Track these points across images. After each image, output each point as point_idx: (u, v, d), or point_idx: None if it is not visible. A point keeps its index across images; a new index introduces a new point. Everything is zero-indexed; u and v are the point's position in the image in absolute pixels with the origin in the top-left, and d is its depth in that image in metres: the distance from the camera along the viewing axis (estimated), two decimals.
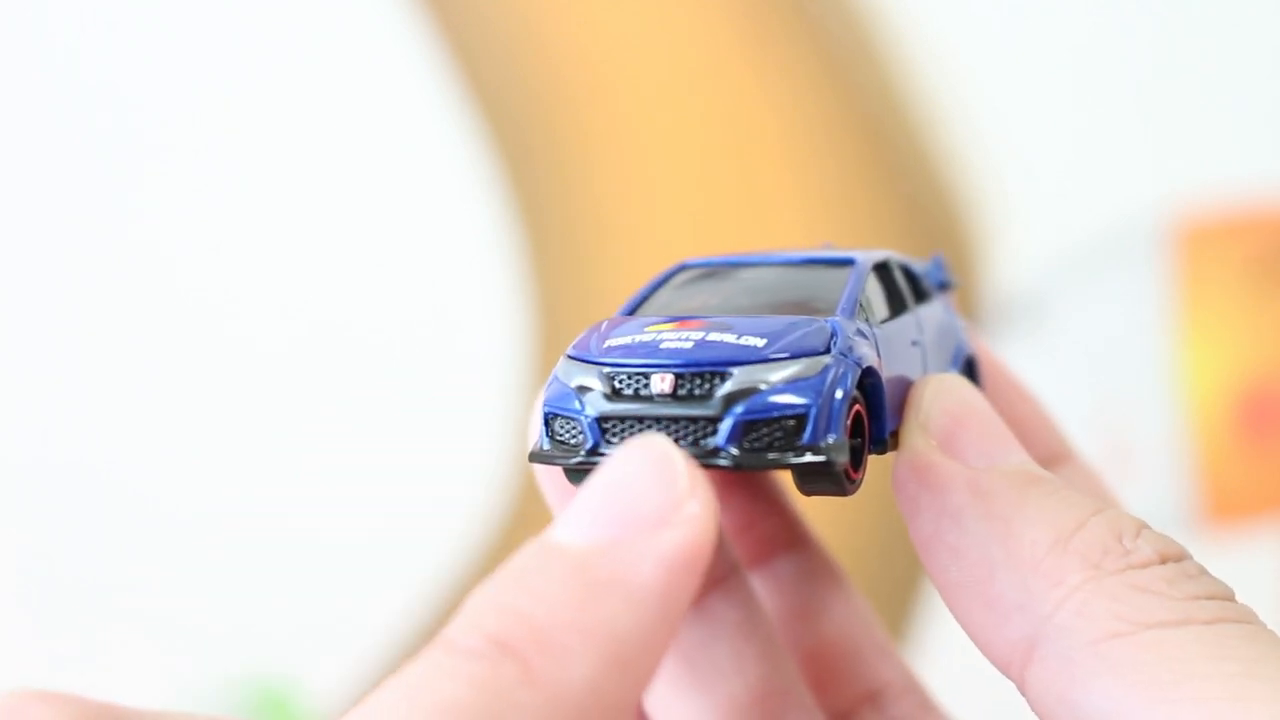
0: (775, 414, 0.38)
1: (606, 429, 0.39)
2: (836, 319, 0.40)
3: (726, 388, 0.38)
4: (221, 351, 0.99)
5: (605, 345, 0.40)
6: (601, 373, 0.39)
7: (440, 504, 0.99)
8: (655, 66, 1.00)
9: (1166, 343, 0.96)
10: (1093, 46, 0.99)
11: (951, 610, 0.37)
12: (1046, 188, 0.99)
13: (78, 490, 0.99)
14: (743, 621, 0.44)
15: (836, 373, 0.38)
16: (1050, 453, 0.46)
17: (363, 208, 1.00)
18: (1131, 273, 0.97)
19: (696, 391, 0.38)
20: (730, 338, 0.39)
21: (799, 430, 0.38)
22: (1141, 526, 0.36)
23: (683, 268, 0.45)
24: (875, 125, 0.99)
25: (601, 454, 0.38)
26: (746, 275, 0.44)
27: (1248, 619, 0.34)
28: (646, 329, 0.40)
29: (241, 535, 0.99)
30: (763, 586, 0.47)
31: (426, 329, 1.00)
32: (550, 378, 0.41)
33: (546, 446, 0.40)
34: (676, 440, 0.38)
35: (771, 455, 0.38)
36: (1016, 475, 0.38)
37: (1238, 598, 0.35)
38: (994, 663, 0.36)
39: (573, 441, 0.39)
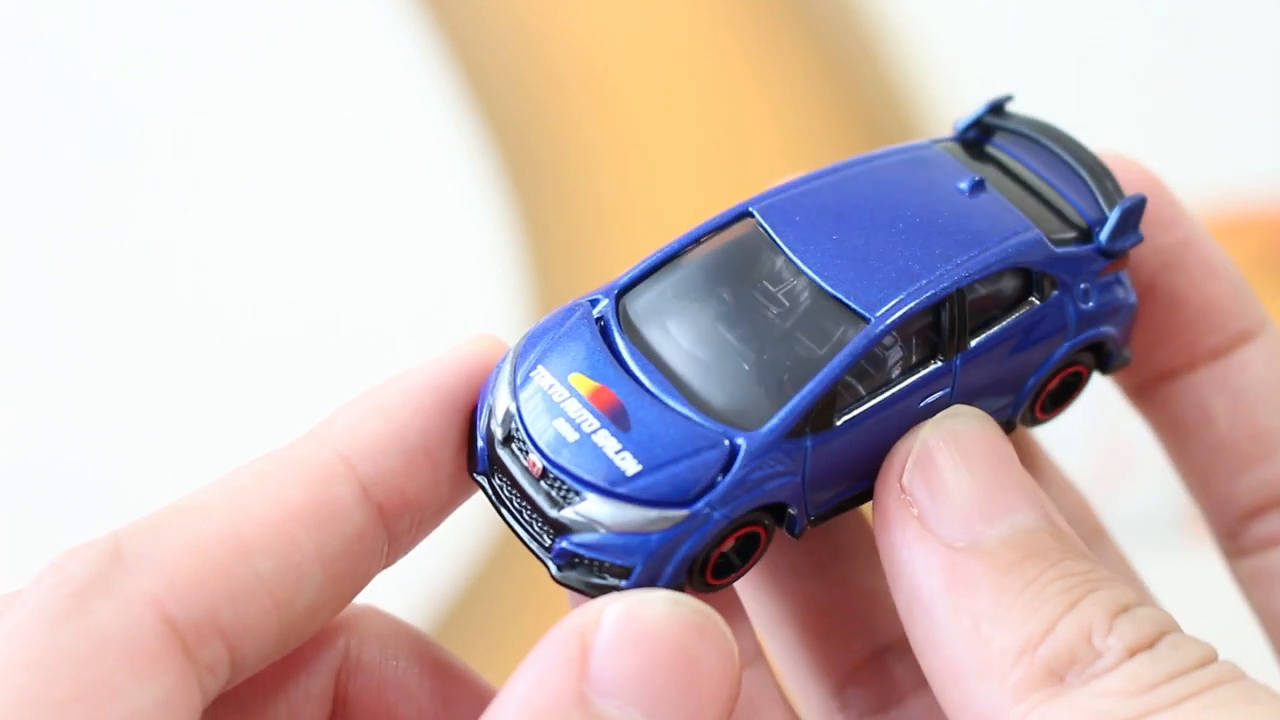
0: (601, 558, 0.38)
1: (493, 461, 0.40)
2: (756, 435, 0.38)
3: (575, 507, 0.38)
4: (223, 352, 0.99)
5: (534, 366, 0.40)
6: (509, 410, 0.40)
7: None
8: (655, 67, 0.99)
9: None
10: (1093, 46, 0.98)
11: (932, 686, 0.37)
12: None
13: (78, 490, 0.99)
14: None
15: (682, 535, 0.38)
16: (1240, 331, 0.45)
17: (364, 209, 1.00)
18: None
19: (554, 492, 0.39)
20: (613, 446, 0.38)
21: (623, 577, 0.38)
22: (1118, 612, 0.36)
23: (745, 213, 0.43)
24: (875, 125, 0.99)
25: (485, 477, 0.40)
26: (770, 286, 0.41)
27: (1221, 680, 0.34)
28: (570, 377, 0.40)
29: None
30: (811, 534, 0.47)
31: (427, 329, 1.00)
32: (504, 355, 0.41)
33: (477, 440, 0.41)
34: (527, 521, 0.39)
35: (592, 585, 0.38)
36: (997, 556, 0.36)
37: (1220, 655, 0.35)
38: None
39: (476, 447, 0.41)
